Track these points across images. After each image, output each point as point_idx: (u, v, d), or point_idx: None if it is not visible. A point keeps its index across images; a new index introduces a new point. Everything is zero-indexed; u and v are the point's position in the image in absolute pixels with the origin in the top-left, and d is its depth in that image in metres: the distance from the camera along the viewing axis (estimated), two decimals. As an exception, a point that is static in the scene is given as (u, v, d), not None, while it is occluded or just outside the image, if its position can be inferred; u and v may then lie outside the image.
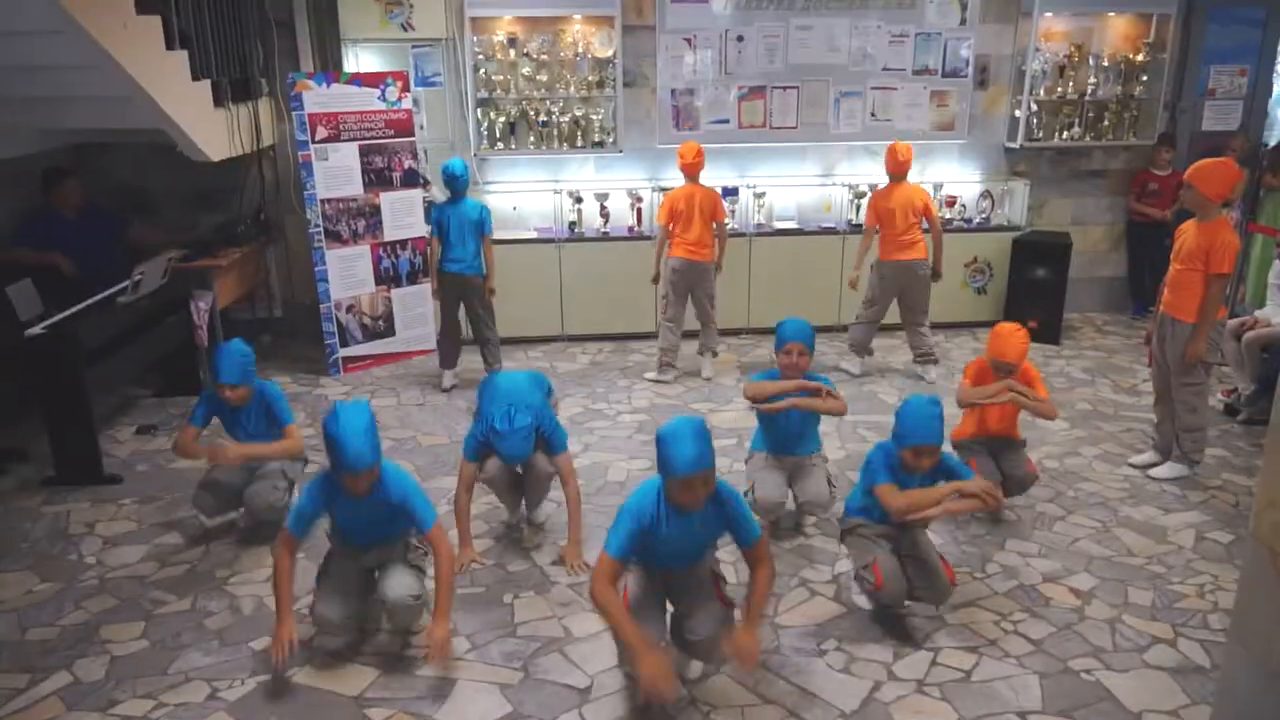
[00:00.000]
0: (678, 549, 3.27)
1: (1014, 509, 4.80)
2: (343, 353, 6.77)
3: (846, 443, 5.62)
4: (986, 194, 7.76)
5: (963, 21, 7.44)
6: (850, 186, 7.57)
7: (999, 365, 4.38)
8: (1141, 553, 4.41)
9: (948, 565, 3.75)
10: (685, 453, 2.96)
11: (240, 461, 4.34)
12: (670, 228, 6.28)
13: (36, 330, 5.02)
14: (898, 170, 6.27)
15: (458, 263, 6.17)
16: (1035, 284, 7.37)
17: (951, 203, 7.71)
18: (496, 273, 6.32)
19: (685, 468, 2.97)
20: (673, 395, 6.37)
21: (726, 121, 7.50)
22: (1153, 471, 5.17)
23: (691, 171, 6.26)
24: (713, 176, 7.22)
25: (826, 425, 5.81)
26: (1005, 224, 7.74)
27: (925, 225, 6.36)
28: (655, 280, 6.51)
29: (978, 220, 7.74)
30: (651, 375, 6.60)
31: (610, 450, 5.49)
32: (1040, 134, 7.76)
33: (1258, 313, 6.08)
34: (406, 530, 3.70)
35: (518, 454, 4.13)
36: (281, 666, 3.44)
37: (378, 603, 3.67)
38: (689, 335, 6.65)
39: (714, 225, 6.34)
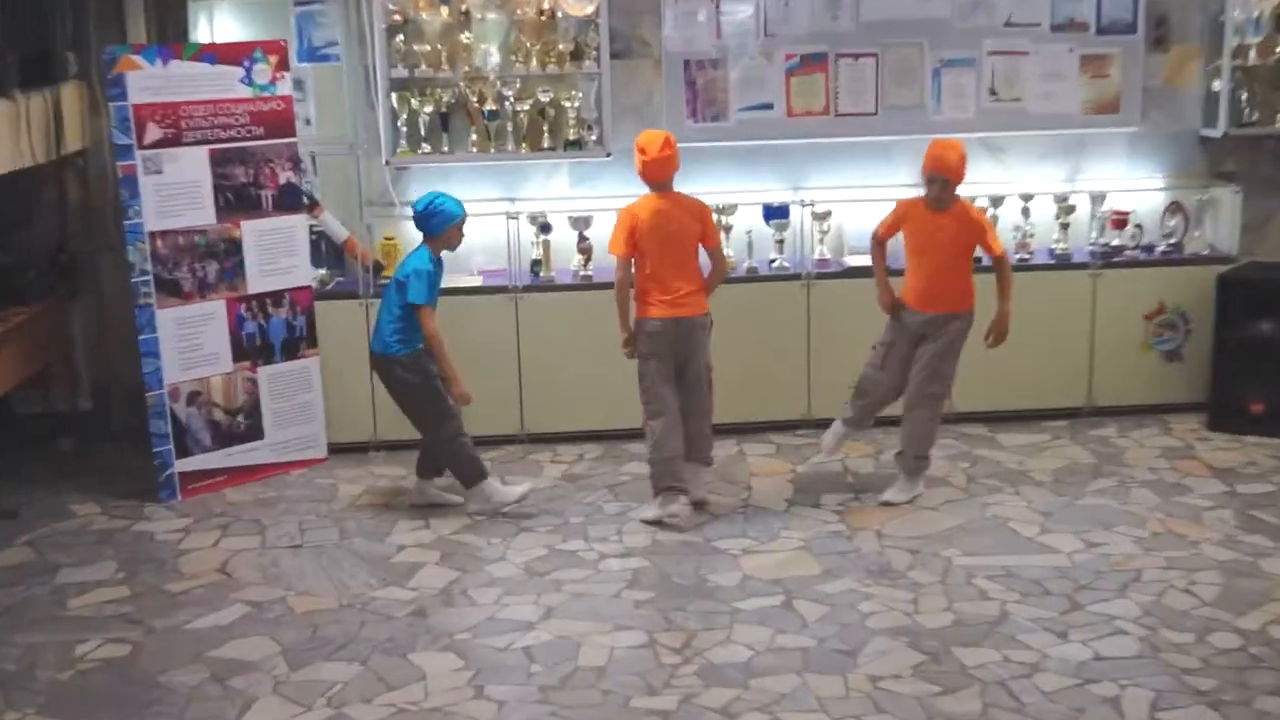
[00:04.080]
0: None
1: None
2: (179, 466, 5.54)
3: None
4: (1175, 207, 6.35)
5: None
6: (960, 200, 6.22)
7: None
8: None
9: None
10: None
11: None
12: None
13: None
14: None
15: None
16: (1257, 343, 5.99)
17: (1120, 223, 6.24)
18: None
19: None
20: (686, 528, 4.91)
21: (769, 107, 6.15)
22: None
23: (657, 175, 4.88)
24: (753, 186, 6.11)
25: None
26: (1207, 253, 6.31)
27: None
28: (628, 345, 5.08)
29: (1163, 247, 6.32)
30: (651, 513, 4.92)
31: (587, 617, 4.22)
32: (1255, 115, 6.29)
33: None
34: None
35: None
36: None
37: None
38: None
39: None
